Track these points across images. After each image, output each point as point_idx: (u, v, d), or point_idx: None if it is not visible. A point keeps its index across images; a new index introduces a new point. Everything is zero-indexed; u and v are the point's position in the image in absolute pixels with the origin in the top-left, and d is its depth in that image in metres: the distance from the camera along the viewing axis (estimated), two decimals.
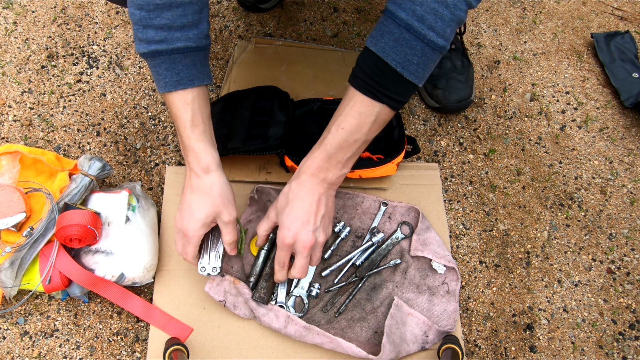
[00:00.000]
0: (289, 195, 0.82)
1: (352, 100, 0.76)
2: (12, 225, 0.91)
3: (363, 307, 0.96)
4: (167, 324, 0.92)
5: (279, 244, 0.82)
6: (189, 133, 0.78)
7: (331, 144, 0.78)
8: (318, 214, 0.81)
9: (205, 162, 0.80)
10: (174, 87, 0.75)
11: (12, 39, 1.26)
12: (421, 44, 0.70)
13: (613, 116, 1.27)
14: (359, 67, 0.76)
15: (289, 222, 0.80)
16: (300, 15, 1.36)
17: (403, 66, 0.71)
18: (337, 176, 0.81)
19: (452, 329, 0.94)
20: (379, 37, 0.72)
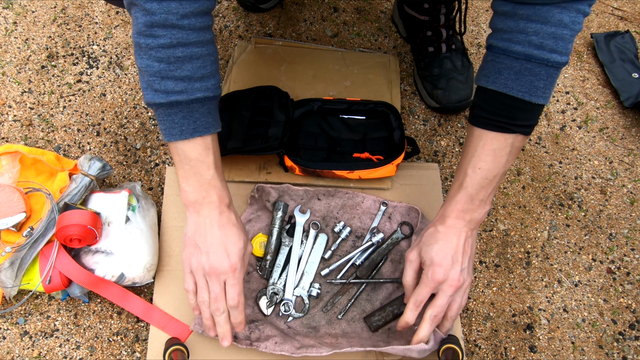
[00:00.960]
0: (436, 236, 0.82)
1: (482, 140, 0.78)
2: (12, 225, 0.91)
3: (363, 308, 0.96)
4: (167, 324, 0.92)
5: (426, 281, 0.81)
6: (213, 173, 0.79)
7: (471, 185, 0.80)
8: (465, 254, 0.82)
9: (228, 199, 0.81)
10: (190, 134, 0.75)
11: (12, 39, 1.26)
12: (545, 67, 0.71)
13: (613, 116, 1.27)
14: (479, 107, 0.78)
15: (439, 259, 0.80)
16: (300, 15, 1.36)
17: (530, 94, 0.73)
18: (481, 215, 0.82)
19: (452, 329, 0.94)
20: (495, 74, 0.74)
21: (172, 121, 0.74)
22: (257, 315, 0.93)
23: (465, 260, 0.82)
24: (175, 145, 0.77)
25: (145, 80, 0.72)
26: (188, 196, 0.79)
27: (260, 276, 0.97)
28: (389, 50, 1.32)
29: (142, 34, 0.69)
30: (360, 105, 1.11)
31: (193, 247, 0.80)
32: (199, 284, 0.81)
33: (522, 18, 0.70)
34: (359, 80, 1.21)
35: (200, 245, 0.79)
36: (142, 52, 0.70)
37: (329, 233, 1.02)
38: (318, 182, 1.07)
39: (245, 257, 0.82)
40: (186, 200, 0.80)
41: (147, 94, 0.73)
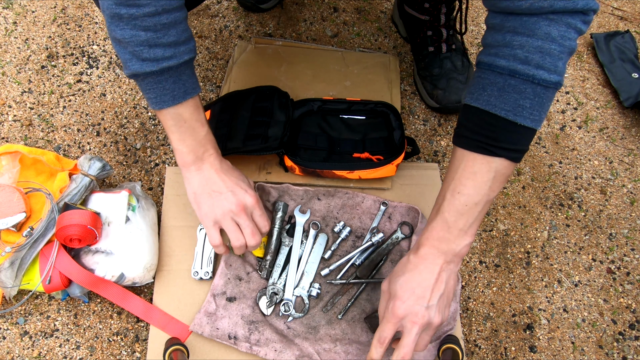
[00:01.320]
0: (406, 266, 0.76)
1: (462, 162, 0.72)
2: (12, 225, 0.91)
3: (363, 308, 0.96)
4: (167, 324, 0.92)
5: (387, 316, 0.75)
6: (207, 129, 0.83)
7: (449, 211, 0.73)
8: (435, 291, 0.74)
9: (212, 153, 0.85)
10: (182, 97, 0.77)
11: (12, 39, 1.26)
12: (531, 85, 0.66)
13: (613, 116, 1.27)
14: (461, 126, 0.73)
15: (402, 292, 0.74)
16: (300, 15, 1.36)
17: (515, 113, 0.67)
18: (461, 246, 0.74)
19: (452, 329, 0.94)
20: (479, 91, 0.70)
21: (163, 88, 0.76)
22: (257, 315, 0.93)
23: (435, 297, 0.73)
24: (167, 111, 0.78)
25: (129, 51, 0.72)
26: (186, 157, 0.83)
27: (260, 276, 0.97)
28: (389, 50, 1.32)
29: (124, 4, 0.68)
30: (361, 105, 1.11)
31: (210, 199, 0.84)
32: (231, 228, 0.84)
33: (509, 31, 0.66)
34: (359, 80, 1.21)
35: (217, 192, 0.84)
36: (123, 23, 0.69)
37: (328, 233, 1.02)
38: (318, 182, 1.07)
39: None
40: (185, 162, 0.83)
41: (133, 64, 0.73)
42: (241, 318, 0.91)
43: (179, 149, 0.82)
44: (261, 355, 0.88)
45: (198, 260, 0.97)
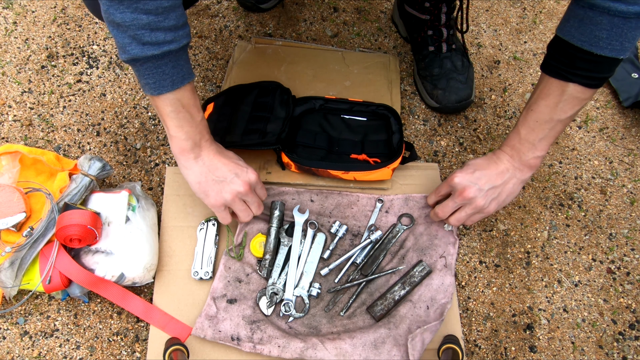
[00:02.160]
0: (482, 162, 0.90)
1: (541, 84, 0.82)
2: (12, 225, 0.91)
3: (363, 301, 0.97)
4: (167, 324, 0.92)
5: (454, 197, 0.90)
6: (203, 115, 0.84)
7: (522, 125, 0.85)
8: (494, 181, 0.88)
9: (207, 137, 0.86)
10: (181, 82, 0.78)
11: (12, 39, 1.26)
12: (607, 16, 0.70)
13: (613, 116, 1.27)
14: (548, 54, 0.81)
15: (466, 167, 0.90)
16: (300, 15, 1.36)
17: (590, 43, 0.73)
18: (530, 157, 0.86)
19: (448, 302, 0.94)
20: (564, 22, 0.77)
21: (163, 72, 0.76)
22: (258, 315, 0.93)
23: (489, 184, 0.88)
24: (166, 97, 0.78)
25: (129, 35, 0.71)
26: (184, 144, 0.83)
27: (259, 277, 0.97)
28: (389, 50, 1.32)
29: None
30: (362, 106, 1.11)
31: (217, 185, 0.86)
32: (240, 208, 0.90)
33: None
34: (359, 80, 1.22)
35: (221, 178, 0.86)
36: (123, 6, 0.69)
37: (325, 233, 1.02)
38: (318, 183, 1.07)
39: None
40: (182, 149, 0.84)
41: (133, 48, 0.72)
42: (242, 319, 0.91)
43: (176, 136, 0.82)
44: (265, 353, 0.88)
45: (198, 260, 0.97)
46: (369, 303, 0.96)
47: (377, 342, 0.89)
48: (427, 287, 0.96)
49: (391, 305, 0.94)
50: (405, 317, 0.92)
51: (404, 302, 0.95)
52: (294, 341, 0.89)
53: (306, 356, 0.87)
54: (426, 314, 0.93)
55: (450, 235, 1.02)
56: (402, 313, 0.93)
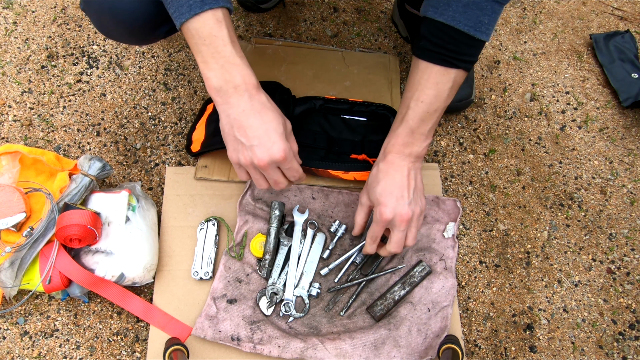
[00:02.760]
0: (378, 176, 0.85)
1: (425, 73, 0.79)
2: (12, 225, 0.91)
3: (363, 301, 0.97)
4: (167, 324, 0.92)
5: (376, 220, 0.85)
6: (231, 49, 0.73)
7: (412, 118, 0.81)
8: (410, 187, 0.83)
9: (255, 80, 0.76)
10: (199, 7, 0.69)
11: (12, 39, 1.26)
12: (491, 2, 0.73)
13: (613, 116, 1.27)
14: (425, 39, 0.78)
15: (384, 198, 0.83)
16: (300, 15, 1.36)
17: (475, 29, 0.74)
18: (422, 148, 0.84)
19: (450, 305, 0.94)
20: (444, 6, 0.74)
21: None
22: (258, 315, 0.93)
23: (410, 193, 0.83)
24: (187, 27, 0.71)
25: None
26: (212, 82, 0.74)
27: (259, 277, 0.97)
28: (389, 50, 1.32)
29: None
30: (362, 106, 1.11)
31: (235, 143, 0.77)
32: (254, 176, 0.81)
33: None
34: (359, 80, 1.21)
35: (241, 139, 0.76)
36: None
37: (325, 232, 1.02)
38: (318, 183, 1.07)
39: (290, 136, 0.80)
40: (211, 89, 0.75)
41: None
42: (242, 319, 0.91)
43: (204, 73, 0.74)
44: (265, 353, 0.88)
45: (198, 260, 0.97)
46: (369, 303, 0.96)
47: (377, 343, 0.89)
48: (427, 289, 0.96)
49: (391, 305, 0.94)
50: (406, 318, 0.92)
51: (404, 303, 0.95)
52: (294, 341, 0.89)
53: (306, 356, 0.87)
54: (427, 316, 0.93)
55: (450, 239, 1.02)
56: (403, 314, 0.93)
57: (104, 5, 0.80)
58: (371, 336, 0.90)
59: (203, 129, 1.07)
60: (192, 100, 1.20)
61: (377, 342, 0.90)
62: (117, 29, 0.84)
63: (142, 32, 0.85)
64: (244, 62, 0.75)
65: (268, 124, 0.75)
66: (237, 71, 0.74)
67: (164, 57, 1.26)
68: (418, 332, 0.92)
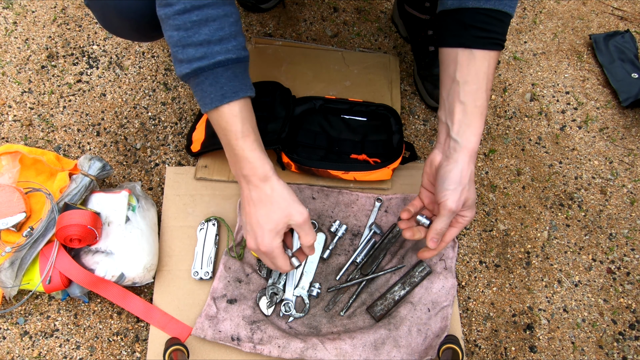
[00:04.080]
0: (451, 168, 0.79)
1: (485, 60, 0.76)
2: (12, 225, 0.91)
3: (363, 301, 0.97)
4: (167, 324, 0.92)
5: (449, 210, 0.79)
6: (241, 144, 0.75)
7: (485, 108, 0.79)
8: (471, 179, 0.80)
9: (263, 171, 0.77)
10: (219, 101, 0.73)
11: (12, 39, 1.26)
12: None
13: (613, 116, 1.27)
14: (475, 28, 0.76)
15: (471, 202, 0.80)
16: (300, 15, 1.36)
17: (513, 7, 0.75)
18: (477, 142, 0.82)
19: (450, 305, 0.94)
20: None
21: (203, 91, 0.73)
22: (258, 315, 0.93)
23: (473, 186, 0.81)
24: (210, 116, 0.75)
25: (172, 53, 0.72)
26: (231, 169, 0.80)
27: (259, 277, 0.97)
28: (389, 50, 1.32)
29: (160, 5, 0.69)
30: (362, 106, 1.11)
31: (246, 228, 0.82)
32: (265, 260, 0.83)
33: None
34: (359, 80, 1.22)
35: (244, 224, 0.82)
36: (164, 25, 0.70)
37: (325, 232, 1.02)
38: (318, 183, 1.07)
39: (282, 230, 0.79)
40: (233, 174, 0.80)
41: (176, 67, 0.73)
42: (242, 319, 0.91)
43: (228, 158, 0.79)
44: (265, 353, 0.88)
45: (198, 260, 0.97)
46: (369, 303, 0.96)
47: (377, 343, 0.89)
48: (427, 289, 0.96)
49: (391, 305, 0.94)
50: (406, 318, 0.92)
51: (404, 303, 0.95)
52: (294, 341, 0.89)
53: (306, 356, 0.87)
54: (427, 316, 0.93)
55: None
56: (403, 314, 0.93)
57: (109, 3, 0.81)
58: (371, 336, 0.90)
59: (203, 129, 1.08)
60: (192, 100, 1.20)
61: (377, 342, 0.90)
62: (121, 25, 0.85)
63: (146, 29, 0.86)
64: (254, 155, 0.76)
65: (260, 218, 0.78)
66: (246, 164, 0.77)
67: (164, 57, 1.26)
68: (418, 332, 0.92)
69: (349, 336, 0.90)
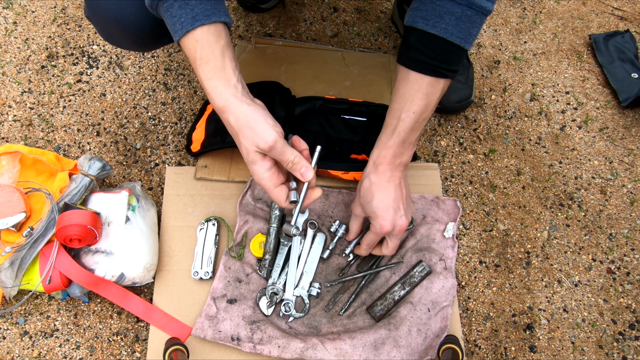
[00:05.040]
0: (372, 189, 0.86)
1: (416, 84, 0.79)
2: (12, 225, 0.91)
3: (363, 301, 0.97)
4: (167, 324, 0.92)
5: (375, 232, 0.88)
6: (199, 73, 0.71)
7: (404, 129, 0.82)
8: (403, 197, 0.86)
9: (220, 102, 0.71)
10: (190, 24, 0.68)
11: (12, 39, 1.26)
12: (481, 16, 0.74)
13: (613, 116, 1.27)
14: (416, 50, 0.78)
15: (382, 212, 0.85)
16: (300, 15, 1.36)
17: (465, 41, 0.76)
18: (410, 156, 0.86)
19: (450, 305, 0.94)
20: (436, 18, 0.74)
21: (172, 15, 0.69)
22: (258, 315, 0.93)
23: (404, 203, 0.86)
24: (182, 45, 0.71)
25: None
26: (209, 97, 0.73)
27: (259, 277, 0.97)
28: (389, 50, 1.32)
29: None
30: (362, 106, 1.11)
31: None
32: None
33: None
34: (359, 80, 1.22)
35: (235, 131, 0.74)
36: None
37: (325, 232, 1.02)
38: (318, 183, 1.07)
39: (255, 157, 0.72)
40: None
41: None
42: (242, 319, 0.91)
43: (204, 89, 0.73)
44: (265, 353, 0.88)
45: (198, 260, 0.97)
46: (368, 303, 0.96)
47: (377, 343, 0.89)
48: (427, 290, 0.96)
49: (391, 305, 0.94)
50: (406, 318, 0.92)
51: (404, 303, 0.95)
52: (294, 341, 0.89)
53: (306, 356, 0.87)
54: (427, 316, 0.93)
55: (450, 239, 1.02)
56: (403, 314, 0.93)
57: (109, 15, 0.81)
58: (371, 336, 0.90)
59: (203, 129, 1.07)
60: (192, 100, 1.20)
61: (377, 342, 0.90)
62: (122, 37, 0.86)
63: (146, 41, 0.87)
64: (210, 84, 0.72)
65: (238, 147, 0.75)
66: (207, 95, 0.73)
67: (164, 57, 1.26)
68: (418, 332, 0.92)
69: (349, 336, 0.90)
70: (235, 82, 0.72)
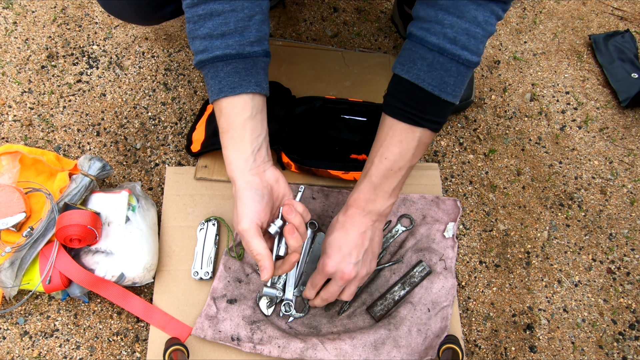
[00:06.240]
0: (335, 226, 0.84)
1: (391, 130, 0.77)
2: (12, 225, 0.91)
3: (363, 301, 0.97)
4: (167, 324, 0.92)
5: (319, 269, 0.85)
6: (221, 140, 0.76)
7: (376, 175, 0.79)
8: (362, 247, 0.82)
9: (229, 172, 0.76)
10: (216, 95, 0.73)
11: (12, 39, 1.26)
12: (456, 64, 0.71)
13: (613, 116, 1.27)
14: (391, 95, 0.77)
15: (331, 251, 0.82)
16: (300, 15, 1.36)
17: (440, 89, 0.72)
18: (385, 206, 0.81)
19: (450, 305, 0.94)
20: (410, 64, 0.73)
21: (207, 83, 0.75)
22: (258, 315, 0.93)
23: (360, 254, 0.82)
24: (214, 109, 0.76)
25: None
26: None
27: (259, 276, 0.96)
28: (389, 50, 1.32)
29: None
30: (362, 106, 1.11)
31: None
32: None
33: (441, 9, 0.69)
34: (359, 80, 1.21)
35: None
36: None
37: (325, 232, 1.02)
38: (318, 182, 1.07)
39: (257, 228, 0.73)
40: None
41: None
42: (242, 319, 0.91)
43: None
44: (265, 353, 0.88)
45: (198, 260, 0.97)
46: (369, 303, 0.96)
47: (377, 343, 0.89)
48: (427, 290, 0.96)
49: (391, 305, 0.94)
50: (406, 318, 0.92)
51: (404, 303, 0.95)
52: (294, 341, 0.89)
53: (306, 356, 0.87)
54: (427, 316, 0.93)
55: (450, 239, 1.02)
56: (403, 314, 0.93)
57: None
58: (371, 336, 0.90)
59: (203, 129, 1.08)
60: (192, 100, 1.20)
61: (377, 342, 0.90)
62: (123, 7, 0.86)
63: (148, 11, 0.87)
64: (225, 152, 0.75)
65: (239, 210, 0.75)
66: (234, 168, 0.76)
67: (164, 57, 1.26)
68: (418, 332, 0.92)
69: (349, 336, 0.90)
70: (248, 156, 0.74)
